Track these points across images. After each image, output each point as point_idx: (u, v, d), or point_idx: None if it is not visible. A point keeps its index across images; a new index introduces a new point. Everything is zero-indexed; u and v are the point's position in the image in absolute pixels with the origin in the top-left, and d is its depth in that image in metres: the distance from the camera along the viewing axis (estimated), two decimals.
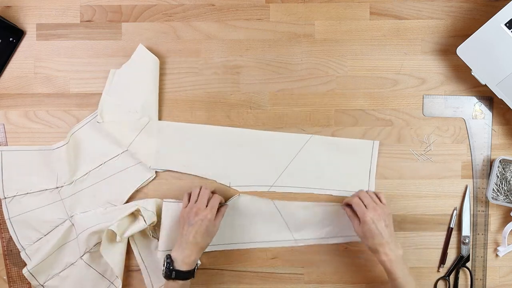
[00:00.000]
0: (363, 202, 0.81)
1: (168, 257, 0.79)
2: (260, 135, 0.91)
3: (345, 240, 0.90)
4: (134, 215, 0.88)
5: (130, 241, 0.90)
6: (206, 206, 0.82)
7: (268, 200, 0.90)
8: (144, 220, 0.85)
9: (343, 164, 0.90)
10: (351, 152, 0.90)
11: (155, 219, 0.87)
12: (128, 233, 0.85)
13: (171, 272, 0.78)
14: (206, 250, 0.89)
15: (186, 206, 0.83)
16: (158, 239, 0.89)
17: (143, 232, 0.90)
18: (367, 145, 0.90)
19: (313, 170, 0.90)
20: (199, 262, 0.85)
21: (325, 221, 0.90)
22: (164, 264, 0.79)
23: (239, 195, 0.90)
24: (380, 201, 0.83)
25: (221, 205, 0.86)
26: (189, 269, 0.79)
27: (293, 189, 0.90)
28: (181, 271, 0.78)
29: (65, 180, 0.90)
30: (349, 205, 0.85)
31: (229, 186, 0.90)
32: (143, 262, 0.90)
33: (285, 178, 0.90)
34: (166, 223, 0.87)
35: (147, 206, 0.88)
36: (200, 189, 0.84)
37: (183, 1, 0.92)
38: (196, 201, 0.82)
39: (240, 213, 0.90)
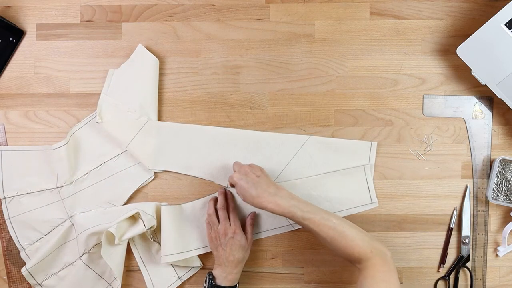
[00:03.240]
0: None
1: (210, 274, 0.82)
2: (258, 135, 0.91)
3: (341, 215, 0.89)
4: (134, 218, 0.88)
5: (131, 245, 0.90)
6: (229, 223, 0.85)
7: None
8: (144, 224, 0.85)
9: (342, 164, 0.90)
10: (350, 152, 0.90)
11: (154, 223, 0.87)
12: (127, 236, 0.85)
13: None
14: (207, 251, 0.89)
15: (211, 232, 0.86)
16: (159, 243, 0.89)
17: (143, 236, 0.90)
18: (365, 146, 0.90)
19: (311, 171, 0.90)
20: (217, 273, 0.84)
21: (316, 199, 0.89)
22: (206, 281, 0.81)
23: (227, 186, 0.90)
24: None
25: (248, 215, 0.89)
26: (231, 285, 0.82)
27: (292, 181, 0.90)
28: (224, 287, 0.81)
29: (65, 180, 0.90)
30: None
31: (227, 187, 0.90)
32: (145, 266, 0.90)
33: (283, 179, 0.90)
34: (167, 227, 0.87)
35: (146, 209, 0.88)
36: (216, 210, 0.87)
37: (183, 1, 0.92)
38: (218, 223, 0.85)
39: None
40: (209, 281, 0.81)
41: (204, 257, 0.91)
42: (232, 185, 0.83)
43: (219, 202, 0.87)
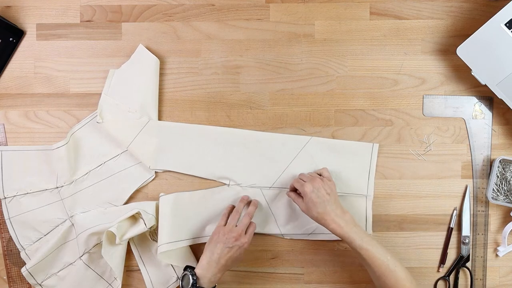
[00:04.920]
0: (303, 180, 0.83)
1: (193, 274, 0.79)
2: (259, 136, 0.91)
3: (333, 237, 0.89)
4: (135, 217, 0.88)
5: (131, 245, 0.90)
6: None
7: (257, 190, 0.90)
8: (145, 224, 0.85)
9: (343, 166, 0.90)
10: (351, 154, 0.90)
11: (155, 222, 0.87)
12: (127, 236, 0.85)
13: None
14: (199, 242, 0.89)
15: (225, 224, 0.84)
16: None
17: (143, 236, 0.90)
18: (366, 148, 0.90)
19: (312, 172, 0.90)
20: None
21: None
22: (189, 280, 0.78)
23: (228, 185, 0.90)
24: (322, 175, 0.85)
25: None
26: (213, 286, 0.81)
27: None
28: None
29: (65, 180, 0.90)
30: (293, 191, 0.86)
31: (228, 186, 0.90)
32: (144, 266, 0.90)
33: (284, 180, 0.90)
34: (164, 216, 0.87)
35: (147, 209, 0.88)
36: (241, 213, 0.85)
37: (183, 1, 0.92)
38: (236, 224, 0.83)
39: (228, 203, 0.90)
40: (193, 281, 0.78)
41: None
42: (292, 190, 0.85)
43: (250, 209, 0.86)
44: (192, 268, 0.80)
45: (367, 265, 0.78)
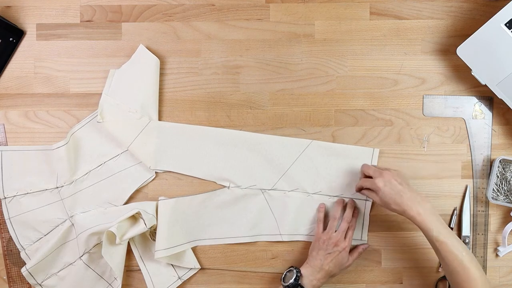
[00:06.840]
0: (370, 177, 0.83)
1: (299, 271, 0.82)
2: (260, 138, 0.91)
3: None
4: (135, 217, 0.88)
5: (131, 245, 0.90)
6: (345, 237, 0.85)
7: (258, 191, 0.90)
8: (145, 223, 0.85)
9: (342, 170, 0.90)
10: (351, 158, 0.90)
11: (155, 222, 0.87)
12: (128, 236, 0.85)
13: (296, 286, 0.81)
14: (198, 245, 0.90)
15: (323, 232, 0.85)
16: None
17: (143, 236, 0.90)
18: (366, 152, 0.90)
19: (312, 175, 0.90)
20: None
21: (313, 217, 0.90)
22: (293, 274, 0.82)
23: (228, 187, 0.90)
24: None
25: (361, 244, 0.89)
26: None
27: (291, 193, 0.90)
28: None
29: (65, 180, 0.90)
30: (361, 189, 0.86)
31: (228, 188, 0.90)
32: (145, 266, 0.90)
33: (284, 182, 0.90)
34: (163, 221, 0.87)
35: (147, 209, 0.88)
36: (341, 219, 0.86)
37: (183, 1, 0.92)
38: (335, 230, 0.85)
39: (228, 205, 0.90)
40: (296, 275, 0.81)
41: (203, 258, 0.91)
42: (360, 189, 0.85)
43: (347, 214, 0.86)
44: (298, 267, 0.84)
45: (441, 258, 0.76)
